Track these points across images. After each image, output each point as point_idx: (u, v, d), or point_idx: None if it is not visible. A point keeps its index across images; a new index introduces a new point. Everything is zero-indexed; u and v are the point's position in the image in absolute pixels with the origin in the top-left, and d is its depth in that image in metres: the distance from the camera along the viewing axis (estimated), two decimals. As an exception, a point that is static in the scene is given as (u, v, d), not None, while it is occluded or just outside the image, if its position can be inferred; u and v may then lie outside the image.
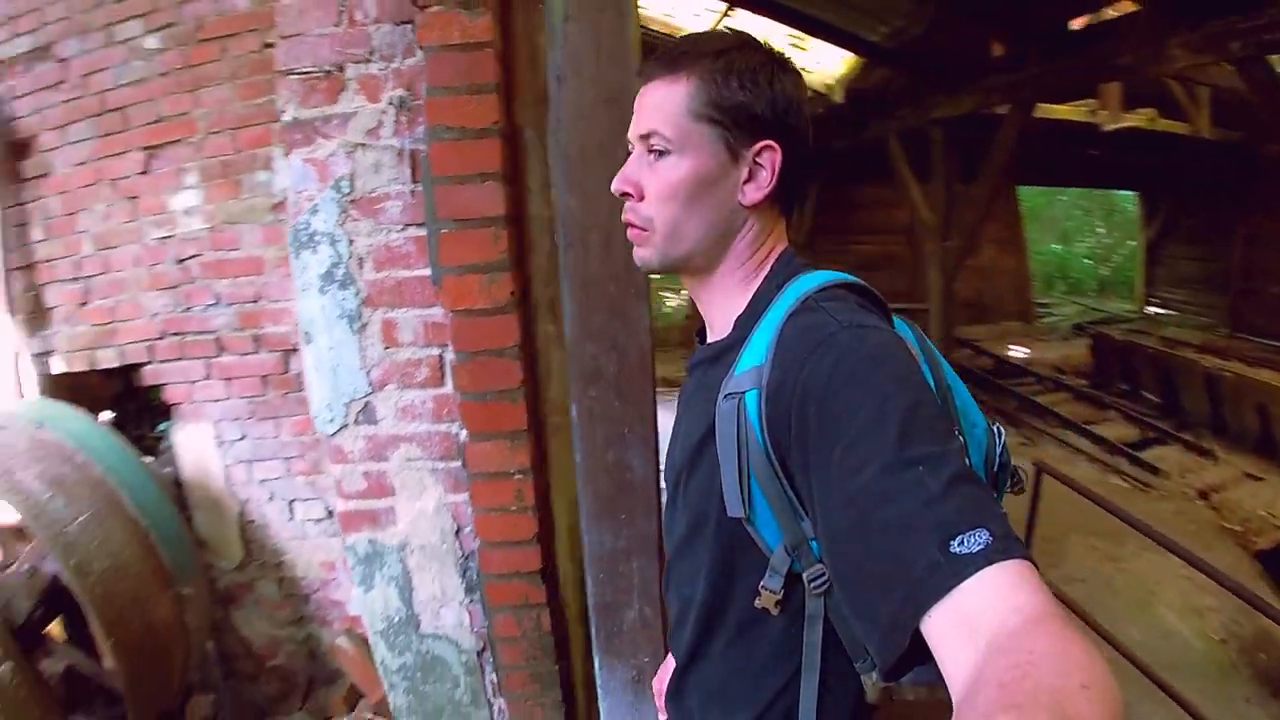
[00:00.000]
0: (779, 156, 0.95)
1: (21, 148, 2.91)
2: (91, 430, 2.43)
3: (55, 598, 2.15)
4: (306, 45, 1.73)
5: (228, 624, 3.15)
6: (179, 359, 2.90)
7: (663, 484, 1.17)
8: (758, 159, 0.95)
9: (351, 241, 1.87)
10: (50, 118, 2.85)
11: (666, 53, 0.97)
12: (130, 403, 3.23)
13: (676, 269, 1.02)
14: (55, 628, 2.44)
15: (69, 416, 2.44)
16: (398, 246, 1.87)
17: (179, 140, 2.73)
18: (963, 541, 0.64)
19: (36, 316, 3.00)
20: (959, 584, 0.63)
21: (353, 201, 1.84)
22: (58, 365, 3.04)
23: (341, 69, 1.74)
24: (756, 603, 0.93)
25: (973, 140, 6.72)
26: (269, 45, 2.52)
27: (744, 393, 0.87)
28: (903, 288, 11.46)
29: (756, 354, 0.88)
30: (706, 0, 7.06)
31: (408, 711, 2.19)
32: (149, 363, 2.93)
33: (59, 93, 2.82)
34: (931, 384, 0.89)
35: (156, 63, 2.65)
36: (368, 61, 1.73)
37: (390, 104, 1.76)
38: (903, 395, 0.75)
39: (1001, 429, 1.05)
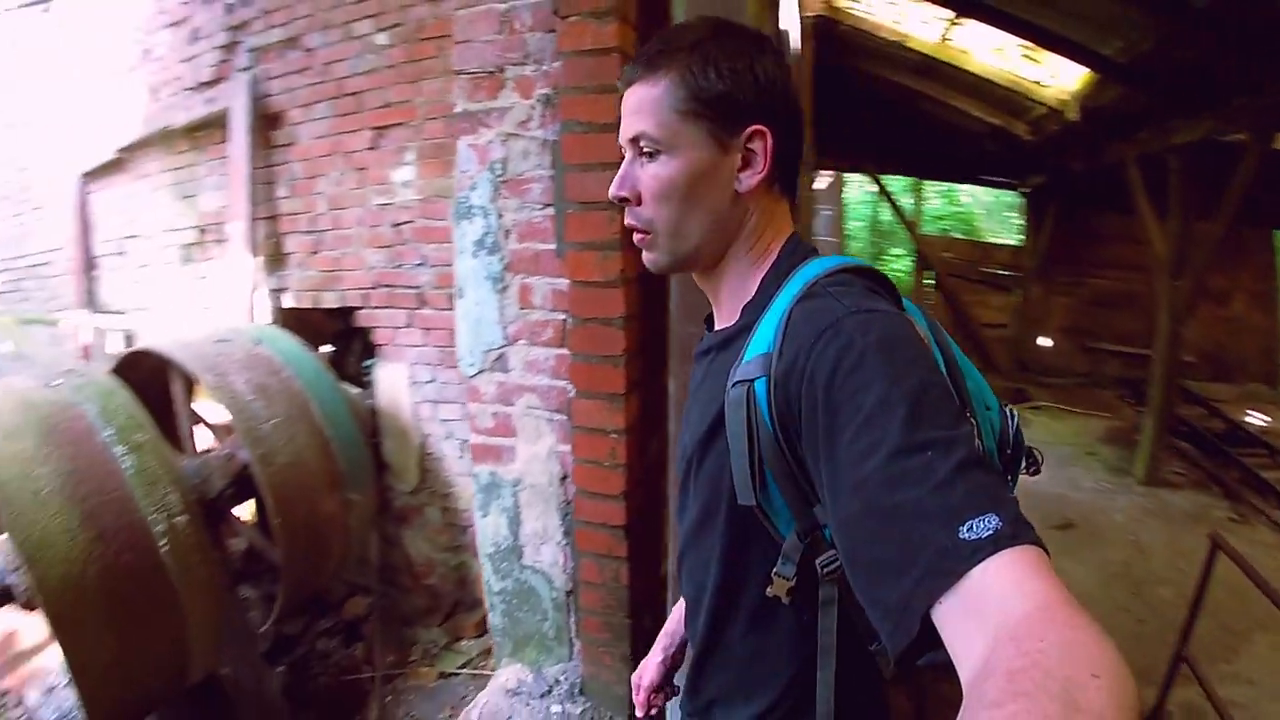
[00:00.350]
0: (770, 140, 0.94)
1: (273, 120, 3.54)
2: (299, 353, 2.95)
3: (245, 484, 2.66)
4: (475, 50, 2.08)
5: (396, 540, 3.63)
6: (387, 307, 3.39)
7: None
8: (749, 145, 0.94)
9: (501, 215, 2.21)
10: (297, 97, 3.45)
11: (644, 53, 0.97)
12: (348, 340, 3.81)
13: (687, 267, 1.03)
14: (248, 516, 3.00)
15: (282, 339, 2.98)
16: (537, 223, 2.18)
17: (401, 123, 3.20)
18: (971, 527, 0.64)
19: (275, 259, 3.67)
20: (968, 570, 0.63)
21: (504, 182, 2.17)
22: (288, 301, 3.69)
23: (502, 70, 2.07)
24: (769, 590, 0.93)
25: (1219, 172, 6.10)
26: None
27: (753, 380, 0.86)
28: (1141, 329, 10.47)
29: (764, 341, 0.88)
30: (936, 9, 6.91)
31: (503, 632, 2.51)
32: (363, 308, 3.47)
33: (305, 77, 3.40)
34: (942, 366, 0.89)
35: (385, 56, 3.13)
36: (523, 64, 2.05)
37: (538, 101, 2.07)
38: (910, 378, 0.74)
39: (1015, 411, 1.04)
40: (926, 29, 7.37)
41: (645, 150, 0.96)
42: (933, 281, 11.81)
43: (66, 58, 4.98)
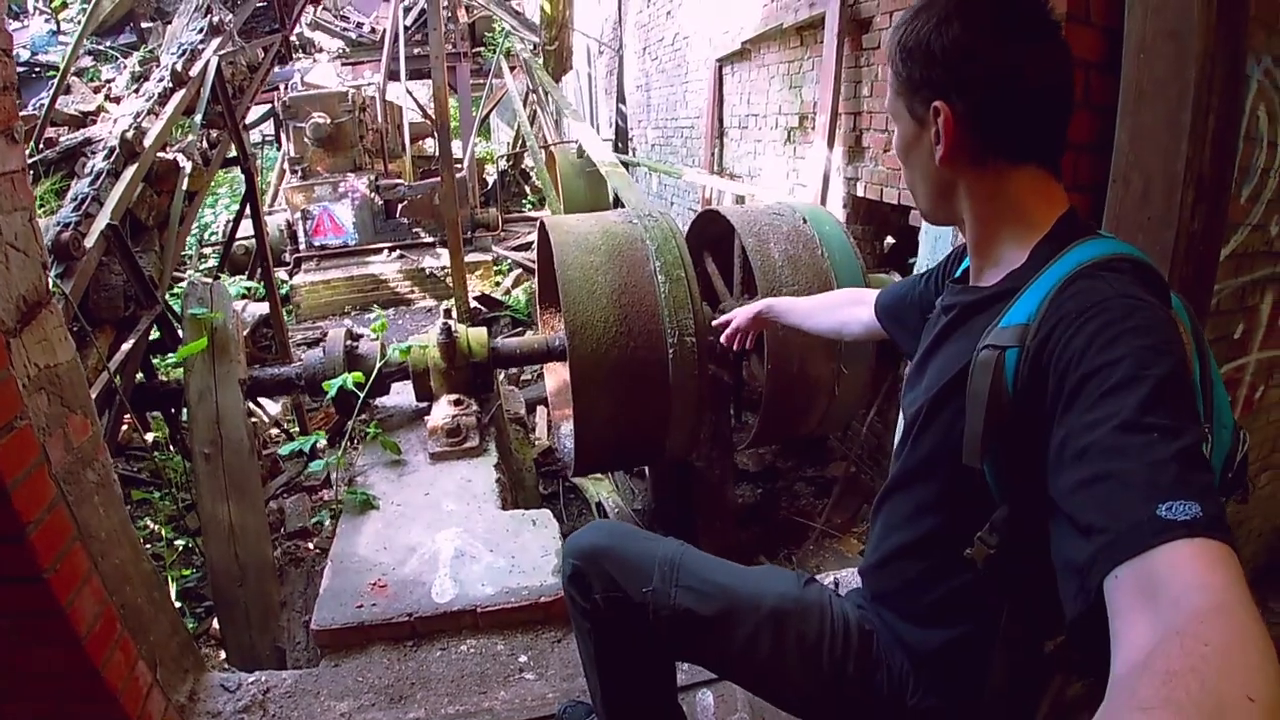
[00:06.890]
0: (946, 115, 0.96)
1: (863, 25, 3.96)
2: (838, 236, 3.43)
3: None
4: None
5: (891, 424, 4.06)
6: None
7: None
8: (936, 120, 0.98)
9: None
10: (883, 4, 3.80)
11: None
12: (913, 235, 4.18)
13: (938, 222, 1.11)
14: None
15: (827, 222, 3.49)
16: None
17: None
18: (1171, 508, 0.66)
19: (854, 151, 4.21)
20: (1155, 546, 0.65)
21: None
22: (859, 190, 4.22)
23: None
24: (967, 552, 0.98)
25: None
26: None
27: (1005, 348, 0.91)
28: None
29: (1024, 311, 0.92)
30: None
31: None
32: (915, 207, 3.80)
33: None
34: (1197, 372, 0.92)
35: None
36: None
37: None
38: (1159, 365, 0.76)
39: (1247, 435, 1.04)
40: None
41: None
42: None
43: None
